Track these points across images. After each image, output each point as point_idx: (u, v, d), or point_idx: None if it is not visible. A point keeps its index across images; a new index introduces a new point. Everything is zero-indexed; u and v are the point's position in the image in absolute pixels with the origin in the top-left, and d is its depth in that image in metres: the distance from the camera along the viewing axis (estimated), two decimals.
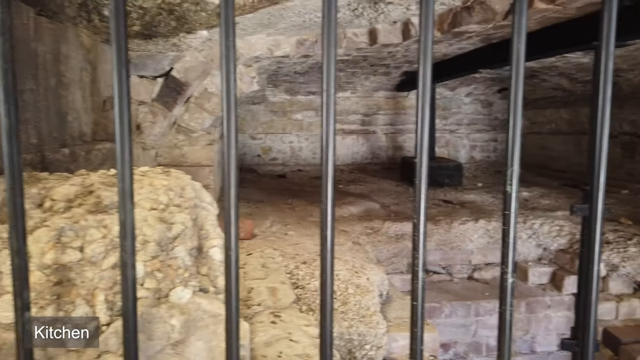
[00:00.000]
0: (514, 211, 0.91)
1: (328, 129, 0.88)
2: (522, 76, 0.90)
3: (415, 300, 0.95)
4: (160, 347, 0.94)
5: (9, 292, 0.93)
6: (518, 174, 0.96)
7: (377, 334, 2.07)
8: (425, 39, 0.90)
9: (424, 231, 0.97)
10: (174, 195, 1.10)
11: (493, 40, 3.40)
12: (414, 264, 0.96)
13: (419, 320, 0.94)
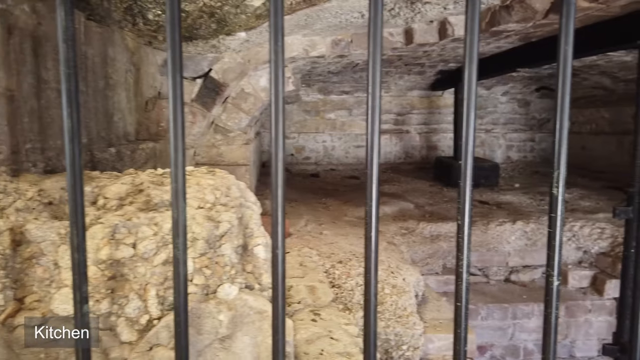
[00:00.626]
0: (560, 214, 0.90)
1: (373, 130, 0.90)
2: (569, 77, 0.90)
3: (459, 301, 0.95)
4: (209, 342, 0.97)
5: (67, 285, 0.98)
6: (565, 176, 0.95)
7: (414, 334, 2.07)
8: (472, 40, 0.91)
9: (469, 232, 0.97)
10: (220, 194, 1.13)
11: (532, 39, 3.34)
12: (457, 265, 0.96)
13: (462, 321, 0.95)
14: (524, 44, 3.48)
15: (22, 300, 0.97)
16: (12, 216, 0.99)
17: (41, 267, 0.97)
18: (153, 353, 0.96)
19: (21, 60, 1.17)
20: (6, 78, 1.09)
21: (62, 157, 1.39)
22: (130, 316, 0.97)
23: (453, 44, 3.33)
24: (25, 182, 1.09)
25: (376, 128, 0.90)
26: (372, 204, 0.93)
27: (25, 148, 1.19)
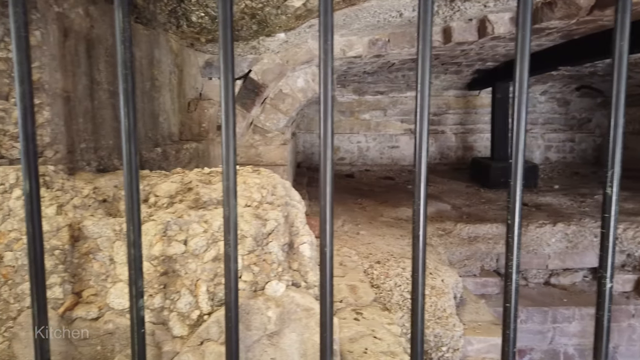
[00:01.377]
0: (614, 214, 0.87)
1: (422, 129, 0.89)
2: (624, 74, 0.86)
3: (508, 302, 0.93)
4: (257, 337, 0.98)
5: (121, 280, 1.00)
6: (619, 175, 0.92)
7: (454, 336, 2.04)
8: (523, 38, 0.89)
9: (519, 232, 0.95)
10: (267, 193, 1.14)
11: (574, 36, 3.24)
12: (507, 265, 0.94)
13: (511, 322, 0.93)
14: (566, 42, 3.38)
15: (80, 294, 1.00)
16: (70, 213, 1.02)
17: (97, 262, 1.00)
18: (204, 348, 0.97)
19: (76, 62, 1.21)
20: (63, 79, 1.13)
21: (112, 156, 1.43)
22: (181, 311, 0.99)
23: (492, 43, 3.27)
24: (80, 180, 1.13)
25: (425, 127, 0.89)
26: (420, 203, 0.92)
27: (80, 147, 1.23)
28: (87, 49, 1.26)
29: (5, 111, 1.01)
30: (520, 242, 0.92)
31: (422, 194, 0.90)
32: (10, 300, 0.98)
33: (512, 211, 0.92)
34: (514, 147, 0.89)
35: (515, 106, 0.91)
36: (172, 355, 0.98)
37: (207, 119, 2.72)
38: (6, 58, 1.00)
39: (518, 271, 0.92)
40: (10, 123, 1.01)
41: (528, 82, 0.93)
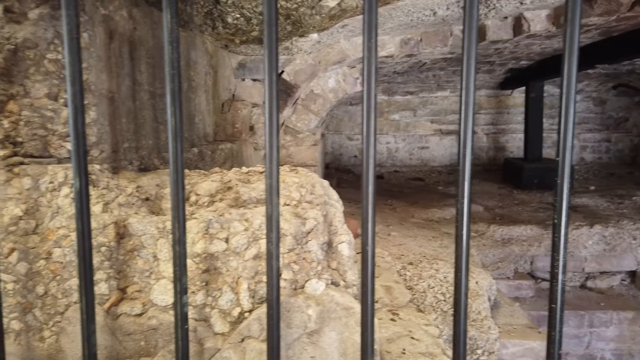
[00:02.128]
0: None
1: (466, 127, 0.87)
2: None
3: (554, 303, 0.91)
4: (298, 335, 0.99)
5: (164, 277, 1.02)
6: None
7: (489, 339, 2.00)
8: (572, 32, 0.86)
9: (565, 232, 0.92)
10: (305, 192, 1.15)
11: (613, 33, 3.15)
12: (553, 265, 0.92)
13: (557, 324, 0.90)
14: (604, 39, 3.29)
15: (125, 290, 1.03)
16: (115, 211, 1.05)
17: (142, 259, 1.02)
18: (245, 345, 0.98)
19: (120, 64, 1.24)
20: (108, 80, 1.15)
21: (152, 156, 1.45)
22: (223, 308, 1.00)
23: (527, 41, 3.20)
24: (124, 179, 1.15)
25: (469, 125, 0.88)
26: (464, 202, 0.90)
27: (123, 147, 1.25)
28: (130, 50, 1.29)
29: (54, 111, 1.03)
30: (567, 242, 0.90)
31: (466, 193, 0.89)
32: (58, 296, 1.00)
33: (559, 210, 0.90)
34: (561, 146, 0.86)
35: (563, 104, 0.88)
36: (213, 351, 0.99)
37: (240, 119, 2.74)
38: (55, 60, 1.02)
39: (565, 271, 0.89)
40: (59, 123, 1.04)
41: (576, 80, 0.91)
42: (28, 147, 1.04)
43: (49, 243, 1.00)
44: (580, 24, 0.85)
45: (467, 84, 0.86)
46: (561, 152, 0.87)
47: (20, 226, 1.00)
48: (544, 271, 3.46)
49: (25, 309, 1.00)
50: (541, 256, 3.38)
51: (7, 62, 0.99)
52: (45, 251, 1.00)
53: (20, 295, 1.00)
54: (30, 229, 1.00)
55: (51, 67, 1.02)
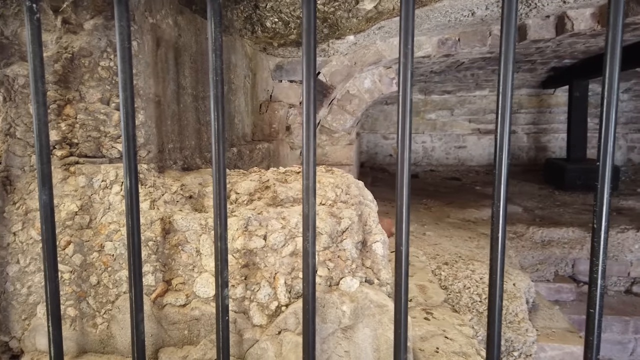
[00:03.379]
0: None
1: (503, 129, 0.89)
2: None
3: (592, 308, 0.92)
4: (332, 330, 1.03)
5: (207, 271, 1.08)
6: None
7: (527, 341, 1.99)
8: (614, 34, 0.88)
9: (605, 237, 0.93)
10: (341, 192, 1.19)
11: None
12: (592, 270, 0.93)
13: (595, 328, 0.92)
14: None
15: (170, 282, 1.09)
16: (161, 208, 1.12)
17: (185, 254, 1.09)
18: (281, 337, 1.03)
19: (165, 69, 1.31)
20: (155, 85, 1.23)
21: (195, 156, 1.52)
22: (261, 302, 1.05)
23: (570, 40, 3.14)
24: (169, 178, 1.22)
25: (506, 127, 0.90)
26: (500, 205, 0.92)
27: (167, 148, 1.33)
28: (175, 56, 1.36)
29: (106, 115, 1.11)
30: (607, 246, 0.90)
31: (502, 195, 0.91)
32: (109, 286, 1.08)
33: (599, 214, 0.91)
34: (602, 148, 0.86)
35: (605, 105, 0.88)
36: (252, 342, 1.04)
37: (277, 120, 2.81)
38: (108, 67, 1.10)
39: (604, 276, 0.90)
40: (110, 125, 1.12)
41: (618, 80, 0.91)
42: (83, 147, 1.12)
43: (101, 237, 1.08)
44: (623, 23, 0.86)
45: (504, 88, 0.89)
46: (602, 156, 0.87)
47: (76, 221, 1.08)
48: (586, 274, 3.38)
49: (79, 297, 1.08)
50: (583, 259, 3.31)
51: (64, 70, 1.08)
52: (98, 244, 1.08)
53: (75, 285, 1.08)
54: (84, 224, 1.08)
55: (104, 74, 1.10)
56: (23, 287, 1.09)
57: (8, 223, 1.08)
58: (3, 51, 1.07)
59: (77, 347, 1.09)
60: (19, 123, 1.10)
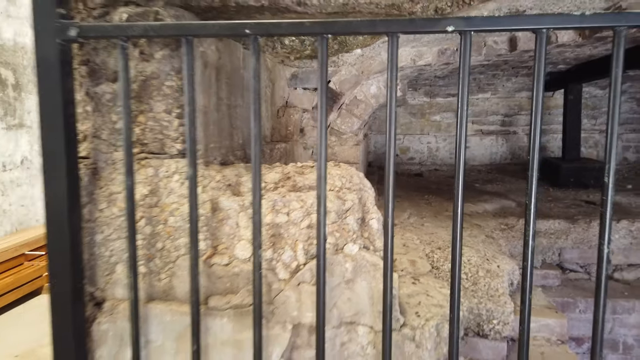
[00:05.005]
0: None
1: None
2: None
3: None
4: (338, 282, 1.37)
5: (244, 239, 1.43)
6: None
7: (505, 311, 2.32)
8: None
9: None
10: (345, 181, 1.52)
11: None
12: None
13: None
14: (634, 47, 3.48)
15: (216, 247, 1.44)
16: (209, 192, 1.46)
17: (228, 226, 1.43)
18: (300, 287, 1.37)
19: (209, 85, 1.66)
20: (203, 99, 1.58)
21: (229, 154, 1.87)
22: (285, 262, 1.39)
23: (558, 49, 3.45)
24: (212, 170, 1.57)
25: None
26: (458, 192, 1.25)
27: (210, 147, 1.68)
28: (216, 75, 1.71)
29: (169, 122, 1.46)
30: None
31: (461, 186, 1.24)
32: (171, 250, 1.43)
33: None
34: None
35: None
36: (278, 291, 1.39)
37: (292, 123, 3.15)
38: (170, 86, 1.45)
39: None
40: (171, 130, 1.47)
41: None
42: (151, 146, 1.48)
43: (165, 213, 1.43)
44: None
45: (462, 96, 1.22)
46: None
47: (146, 201, 1.43)
48: (572, 262, 3.70)
49: (149, 258, 1.44)
50: (568, 248, 3.62)
51: (139, 88, 1.43)
52: (163, 219, 1.43)
53: (146, 249, 1.44)
54: (152, 203, 1.44)
55: (167, 91, 1.45)
56: (106, 251, 1.45)
57: (96, 202, 1.44)
58: (94, 74, 1.43)
59: (146, 295, 1.45)
60: (104, 128, 1.46)
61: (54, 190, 1.32)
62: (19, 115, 6.59)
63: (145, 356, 1.43)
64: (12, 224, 6.51)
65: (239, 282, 1.42)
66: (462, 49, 1.13)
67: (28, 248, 6.06)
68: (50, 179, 1.32)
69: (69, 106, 1.32)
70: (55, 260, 1.35)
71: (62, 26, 1.26)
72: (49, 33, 1.26)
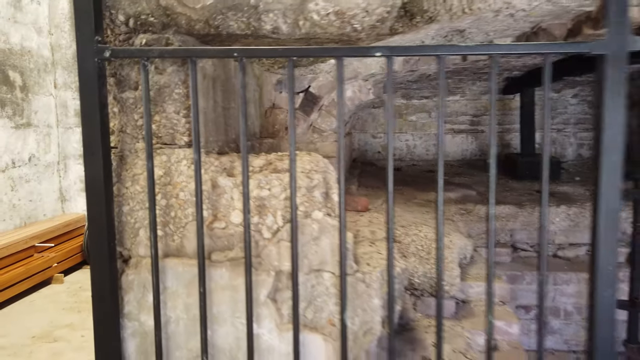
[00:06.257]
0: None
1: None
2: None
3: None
4: (307, 240, 1.76)
5: (237, 208, 1.82)
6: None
7: (452, 275, 2.73)
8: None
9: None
10: (314, 164, 1.92)
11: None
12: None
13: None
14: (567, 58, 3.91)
15: (216, 215, 1.82)
16: (210, 173, 1.84)
17: (224, 199, 1.81)
18: (280, 244, 1.77)
19: (207, 92, 2.05)
20: (203, 102, 1.96)
21: (224, 146, 2.26)
22: (268, 225, 1.78)
23: (503, 59, 3.87)
24: (211, 158, 1.95)
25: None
26: (388, 179, 1.64)
27: (208, 140, 2.07)
28: (212, 83, 2.10)
29: (177, 120, 1.85)
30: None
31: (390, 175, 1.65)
32: (182, 217, 1.82)
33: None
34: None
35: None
36: (263, 247, 1.78)
37: (278, 122, 3.55)
38: (179, 92, 1.84)
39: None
40: (179, 126, 1.85)
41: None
42: (164, 139, 1.86)
43: (177, 189, 1.82)
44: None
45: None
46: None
47: (162, 180, 1.82)
48: (522, 242, 4.13)
49: (165, 224, 1.82)
50: (518, 230, 4.05)
51: (155, 95, 1.82)
52: (175, 193, 1.82)
53: (162, 217, 1.82)
54: (167, 182, 1.82)
55: (176, 97, 1.84)
56: (132, 219, 1.84)
57: (123, 182, 1.83)
58: (120, 84, 1.82)
59: (163, 253, 1.83)
60: (128, 125, 1.84)
61: (93, 172, 1.71)
62: (27, 115, 6.91)
63: (163, 299, 1.82)
64: (22, 218, 6.82)
65: (233, 241, 1.81)
66: (388, 69, 1.53)
67: (37, 240, 6.38)
68: (90, 164, 1.70)
69: (104, 108, 1.70)
70: (94, 226, 1.74)
71: (99, 49, 1.64)
72: (89, 54, 1.64)
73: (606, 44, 1.50)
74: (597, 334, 1.55)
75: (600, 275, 1.53)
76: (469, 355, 2.20)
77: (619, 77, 1.52)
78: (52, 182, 7.26)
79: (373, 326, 1.82)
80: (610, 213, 1.51)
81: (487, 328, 1.66)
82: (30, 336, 4.66)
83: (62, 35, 7.11)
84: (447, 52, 1.47)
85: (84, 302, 5.49)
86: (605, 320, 1.54)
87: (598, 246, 1.54)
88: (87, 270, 6.88)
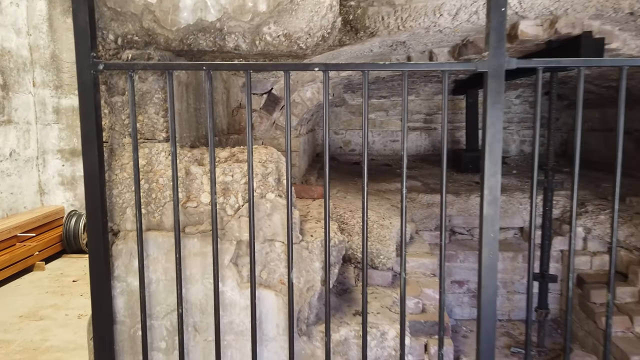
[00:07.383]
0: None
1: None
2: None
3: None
4: (262, 215, 2.18)
5: (206, 191, 2.23)
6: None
7: (389, 250, 3.21)
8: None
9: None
10: (269, 156, 2.34)
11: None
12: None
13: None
14: None
15: (189, 197, 2.22)
16: (184, 162, 2.24)
17: (196, 184, 2.22)
18: (240, 219, 2.19)
19: (182, 96, 2.44)
20: (178, 105, 2.36)
21: (195, 141, 2.66)
22: (231, 204, 2.20)
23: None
24: (185, 150, 2.35)
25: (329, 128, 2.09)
26: (326, 172, 2.07)
27: (183, 136, 2.47)
28: (185, 88, 2.50)
29: (157, 120, 2.24)
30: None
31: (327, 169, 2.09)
32: (161, 198, 2.21)
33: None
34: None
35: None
36: (227, 222, 2.20)
37: (244, 120, 3.94)
38: (158, 97, 2.23)
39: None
40: (159, 124, 2.25)
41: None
42: (146, 134, 2.25)
43: (157, 175, 2.21)
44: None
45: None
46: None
47: (145, 168, 2.21)
48: (459, 227, 4.66)
49: (147, 203, 2.22)
50: (455, 216, 4.57)
51: (139, 99, 2.21)
52: (155, 179, 2.21)
53: (145, 198, 2.22)
54: (149, 170, 2.22)
55: (156, 100, 2.24)
56: (120, 199, 2.22)
57: (113, 169, 2.21)
58: (110, 90, 2.20)
59: (146, 227, 2.23)
60: (116, 123, 2.23)
61: (89, 161, 2.08)
62: (7, 112, 7.10)
63: (146, 264, 2.22)
64: (3, 209, 7.02)
65: (203, 217, 2.22)
66: (325, 82, 1.97)
67: (20, 230, 6.61)
68: (87, 155, 2.08)
69: (97, 110, 2.08)
70: (91, 205, 2.12)
71: (94, 63, 2.02)
72: (86, 67, 2.02)
73: (487, 63, 1.96)
74: (482, 303, 2.02)
75: (485, 249, 2.00)
76: (393, 309, 2.67)
77: (498, 88, 1.98)
78: (31, 176, 7.45)
79: (314, 284, 2.26)
80: (493, 199, 1.98)
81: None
82: (17, 315, 4.94)
83: (40, 35, 7.29)
84: (370, 68, 1.92)
85: (66, 287, 5.78)
86: (488, 286, 2.01)
87: (485, 227, 2.01)
88: (67, 258, 7.14)
